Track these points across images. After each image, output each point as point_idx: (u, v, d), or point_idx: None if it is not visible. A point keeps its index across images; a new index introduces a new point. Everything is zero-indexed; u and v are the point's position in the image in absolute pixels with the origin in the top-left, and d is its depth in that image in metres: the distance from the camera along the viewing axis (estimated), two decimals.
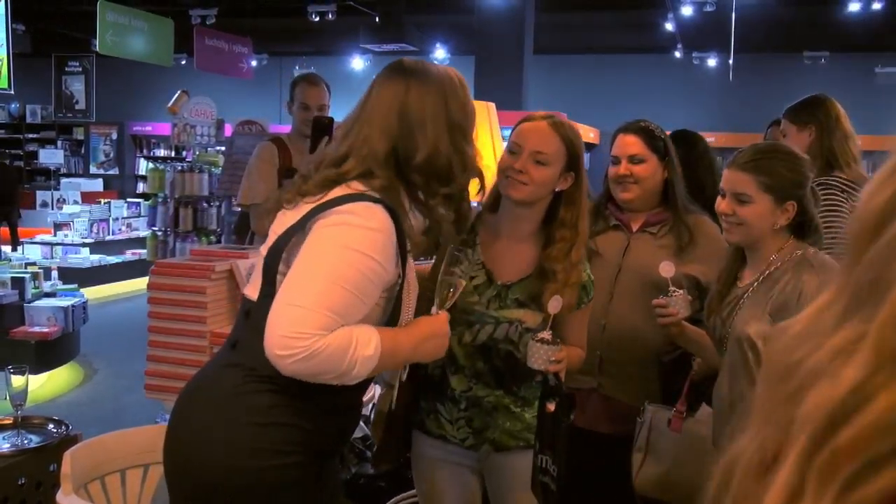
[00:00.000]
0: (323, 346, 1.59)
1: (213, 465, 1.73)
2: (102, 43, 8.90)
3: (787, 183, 2.14)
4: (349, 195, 1.74)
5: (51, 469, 2.71)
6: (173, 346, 2.71)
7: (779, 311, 2.06)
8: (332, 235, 1.70)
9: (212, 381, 1.83)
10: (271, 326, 1.62)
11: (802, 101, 3.25)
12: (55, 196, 12.68)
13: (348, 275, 1.66)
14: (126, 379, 6.53)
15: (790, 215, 2.15)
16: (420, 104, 1.82)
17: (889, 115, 13.38)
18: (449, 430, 2.28)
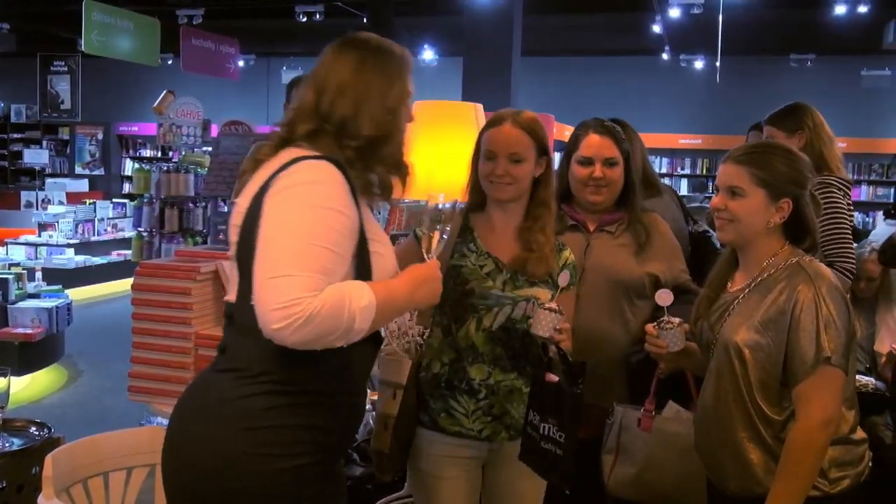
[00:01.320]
0: (318, 306, 1.58)
1: (211, 472, 1.71)
2: (88, 42, 8.85)
3: (783, 178, 2.07)
4: (293, 159, 1.73)
5: (33, 472, 2.69)
6: (158, 347, 2.69)
7: (771, 322, 2.02)
8: (290, 198, 1.68)
9: (205, 387, 1.81)
10: (261, 305, 1.60)
11: (785, 109, 3.32)
12: (40, 196, 12.60)
13: (320, 232, 1.64)
14: (111, 380, 6.50)
15: (784, 214, 2.09)
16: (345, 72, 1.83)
17: (875, 117, 13.48)
18: (466, 423, 2.33)
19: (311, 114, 1.83)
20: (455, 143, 3.67)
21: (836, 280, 2.04)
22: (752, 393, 2.04)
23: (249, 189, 1.77)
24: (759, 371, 2.03)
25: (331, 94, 1.81)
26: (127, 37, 9.41)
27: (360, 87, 1.82)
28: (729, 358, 2.08)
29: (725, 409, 2.10)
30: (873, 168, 13.68)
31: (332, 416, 1.78)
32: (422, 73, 14.69)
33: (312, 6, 11.63)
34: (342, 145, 1.80)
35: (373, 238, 1.81)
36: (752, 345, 2.04)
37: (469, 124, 3.72)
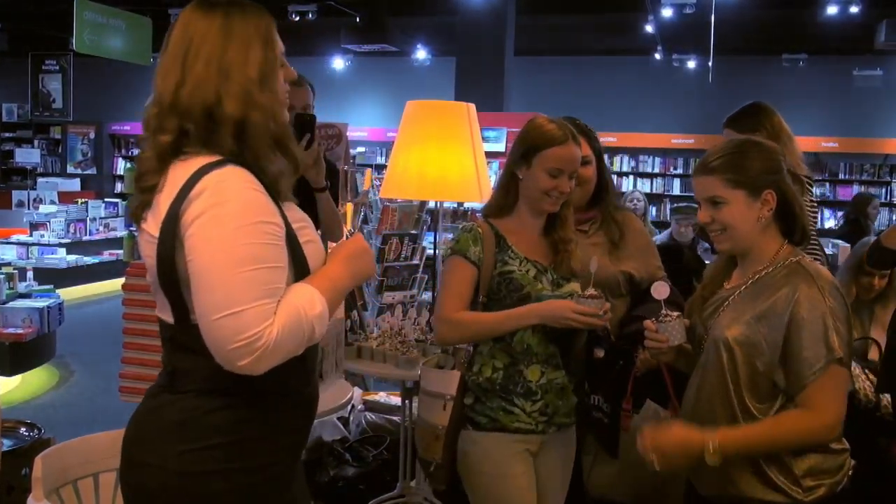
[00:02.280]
0: (277, 333, 1.52)
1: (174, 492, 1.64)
2: (80, 41, 8.82)
3: (756, 172, 2.03)
4: (195, 172, 1.58)
5: (23, 473, 2.68)
6: (149, 347, 2.68)
7: (766, 318, 1.99)
8: (209, 226, 1.54)
9: (158, 411, 1.70)
10: (216, 347, 1.53)
11: (744, 110, 3.32)
12: (31, 196, 12.54)
13: (255, 252, 1.55)
14: (103, 381, 6.47)
15: (771, 206, 2.04)
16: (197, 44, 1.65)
17: (866, 117, 13.51)
18: (526, 420, 2.43)
19: (167, 119, 1.65)
20: (447, 143, 3.67)
21: (836, 280, 2.03)
22: (740, 389, 2.01)
23: (155, 217, 1.63)
24: (749, 367, 2.00)
25: (186, 87, 1.63)
26: (119, 36, 9.38)
27: (215, 68, 1.63)
28: (718, 353, 2.05)
29: (708, 406, 2.07)
30: (865, 168, 13.72)
31: (291, 413, 1.75)
32: (415, 72, 14.70)
33: (305, 5, 11.60)
34: (218, 141, 1.63)
35: (300, 227, 1.71)
36: (743, 340, 2.00)
37: (462, 124, 3.72)
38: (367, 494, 3.70)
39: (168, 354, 1.74)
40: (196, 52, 1.65)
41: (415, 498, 3.57)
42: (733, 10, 10.40)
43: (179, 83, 1.65)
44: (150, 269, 1.68)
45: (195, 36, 1.66)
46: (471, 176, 3.69)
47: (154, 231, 1.63)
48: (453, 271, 2.49)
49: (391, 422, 4.32)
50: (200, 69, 1.64)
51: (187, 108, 1.63)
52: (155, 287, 1.70)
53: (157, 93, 1.69)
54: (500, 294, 2.46)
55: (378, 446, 4.09)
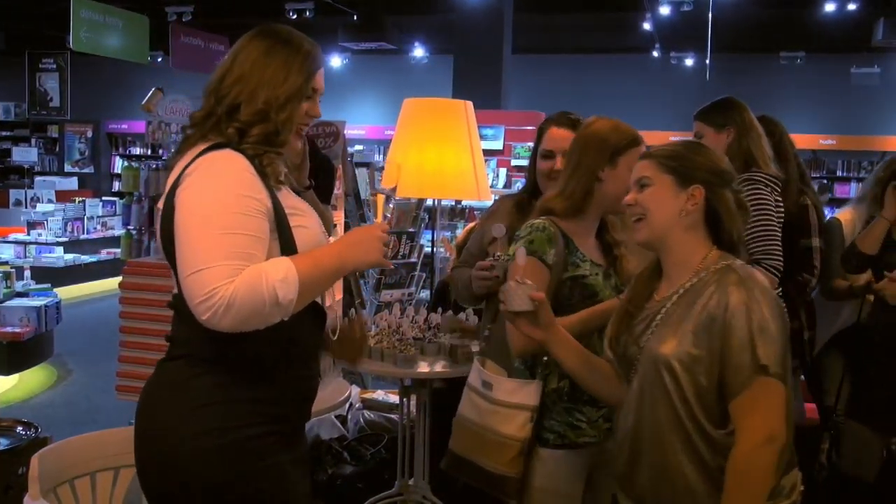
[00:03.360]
0: (234, 291, 1.63)
1: (171, 454, 1.78)
2: (77, 40, 8.79)
3: (692, 164, 1.93)
4: (197, 154, 1.77)
5: (20, 472, 2.67)
6: (145, 346, 2.68)
7: (703, 329, 1.82)
8: (193, 194, 1.72)
9: (160, 376, 1.87)
10: (189, 301, 1.66)
11: (715, 104, 3.29)
12: (29, 195, 12.53)
13: (228, 219, 1.69)
14: (101, 379, 6.46)
15: (697, 201, 1.91)
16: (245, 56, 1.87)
17: (864, 115, 13.52)
18: (590, 433, 2.38)
19: (208, 98, 1.88)
20: (445, 141, 3.66)
21: (770, 284, 1.93)
22: (691, 410, 1.84)
23: (165, 191, 1.82)
24: (694, 385, 1.83)
25: (230, 80, 1.85)
26: (116, 34, 9.36)
27: (257, 75, 1.85)
28: (658, 375, 1.88)
29: (655, 437, 1.89)
30: (862, 165, 13.73)
31: (279, 388, 1.85)
32: (412, 71, 14.68)
33: (302, 3, 11.59)
34: (230, 125, 1.83)
35: (294, 213, 1.85)
36: (683, 356, 1.84)
37: (459, 122, 3.71)
38: (365, 493, 3.69)
39: (171, 324, 1.89)
40: (245, 58, 1.87)
41: (413, 496, 3.56)
42: (731, 8, 10.40)
43: (225, 74, 1.87)
44: (159, 241, 1.84)
45: (248, 48, 1.89)
46: (468, 174, 3.69)
47: (161, 204, 1.81)
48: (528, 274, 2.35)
49: (389, 420, 4.32)
50: (246, 69, 1.85)
51: (222, 94, 1.85)
52: (166, 259, 1.84)
53: (208, 82, 1.91)
54: (571, 300, 2.38)
55: (376, 445, 4.09)
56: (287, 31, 1.94)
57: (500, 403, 2.39)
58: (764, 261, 3.01)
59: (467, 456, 2.45)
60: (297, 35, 1.94)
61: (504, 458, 2.35)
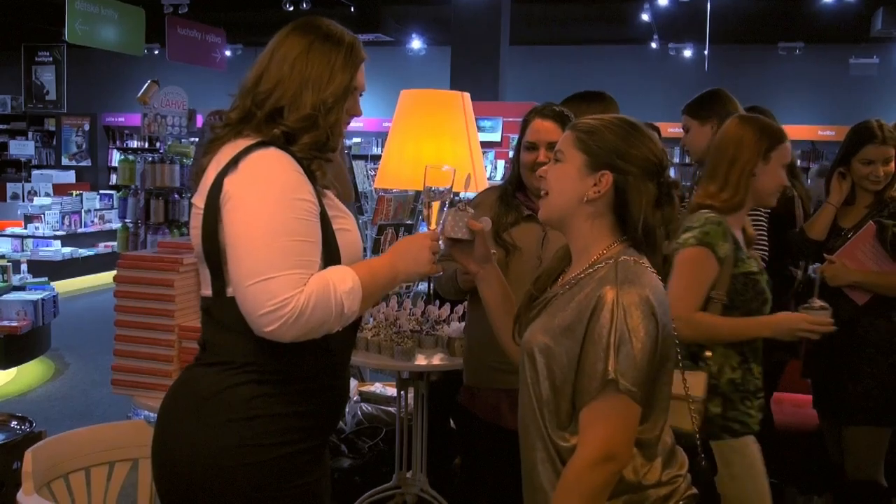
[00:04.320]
0: (306, 301, 1.60)
1: (201, 467, 1.70)
2: (72, 32, 8.76)
3: (609, 147, 1.74)
4: (240, 152, 1.69)
5: (14, 467, 2.66)
6: (141, 340, 2.65)
7: (568, 327, 1.69)
8: (245, 200, 1.65)
9: (189, 383, 1.79)
10: (248, 313, 1.61)
11: (700, 97, 3.35)
12: (26, 188, 12.49)
13: (290, 225, 1.64)
14: (98, 373, 6.46)
15: (601, 189, 1.73)
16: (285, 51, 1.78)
17: (863, 105, 13.48)
18: (757, 419, 2.48)
19: (244, 99, 1.80)
20: (442, 132, 3.64)
21: (654, 293, 1.67)
22: (542, 409, 1.73)
23: (201, 189, 1.74)
24: (547, 382, 1.72)
25: (268, 82, 1.77)
26: (111, 26, 9.32)
27: (298, 76, 1.76)
28: (524, 362, 1.79)
29: (526, 429, 1.80)
30: None
31: (317, 400, 1.78)
32: (410, 62, 14.64)
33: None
34: (272, 127, 1.76)
35: (335, 215, 1.80)
36: (544, 349, 1.72)
37: (457, 113, 3.69)
38: (363, 486, 3.68)
39: (203, 327, 1.82)
40: (284, 57, 1.78)
41: (410, 489, 3.55)
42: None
43: (262, 74, 1.79)
44: (194, 240, 1.77)
45: (285, 45, 1.80)
46: (466, 166, 3.67)
47: (200, 203, 1.73)
48: (699, 265, 2.38)
49: (387, 413, 4.30)
50: (286, 70, 1.76)
51: (261, 96, 1.77)
52: (199, 260, 1.79)
53: (242, 81, 1.83)
54: (745, 296, 2.44)
55: (374, 437, 4.08)
56: (326, 24, 1.84)
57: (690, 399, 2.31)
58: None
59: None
60: (336, 27, 1.84)
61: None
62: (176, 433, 1.76)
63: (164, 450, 1.77)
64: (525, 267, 2.56)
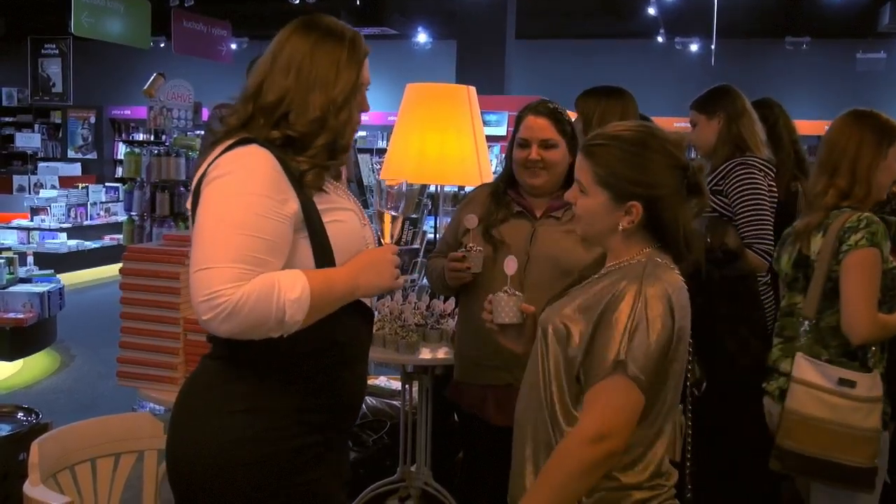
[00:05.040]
0: (243, 298, 1.56)
1: (203, 458, 1.71)
2: (78, 24, 8.76)
3: (627, 179, 1.77)
4: (223, 149, 1.70)
5: (20, 458, 2.67)
6: (146, 332, 2.66)
7: (586, 309, 1.76)
8: (214, 191, 1.66)
9: (197, 375, 1.83)
10: (192, 298, 1.60)
11: (709, 92, 3.36)
12: (32, 180, 12.52)
13: (243, 219, 1.61)
14: (103, 366, 6.47)
15: (634, 218, 1.78)
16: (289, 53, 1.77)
17: (869, 101, 13.38)
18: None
19: (245, 105, 1.78)
20: (448, 126, 3.64)
21: (676, 293, 1.73)
22: (549, 381, 1.79)
23: (192, 186, 1.77)
24: (558, 358, 1.78)
25: (273, 90, 1.75)
26: (117, 19, 9.32)
27: (304, 81, 1.74)
28: (538, 339, 1.86)
29: (527, 401, 1.86)
30: None
31: (321, 395, 1.77)
32: (415, 56, 14.63)
33: None
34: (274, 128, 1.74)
35: (328, 208, 1.76)
36: (558, 326, 1.78)
37: (462, 107, 3.69)
38: (367, 479, 3.69)
39: None
40: (288, 62, 1.75)
41: (414, 483, 3.56)
42: None
43: (264, 81, 1.76)
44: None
45: (288, 48, 1.77)
46: (471, 159, 3.67)
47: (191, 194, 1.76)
48: (875, 266, 2.46)
49: (391, 406, 4.31)
50: (291, 79, 1.74)
51: (267, 107, 1.74)
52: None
53: (245, 87, 1.82)
54: (893, 292, 2.53)
55: (378, 431, 4.09)
56: (326, 21, 1.82)
57: (864, 399, 2.43)
58: (755, 245, 3.04)
59: (820, 455, 2.46)
60: (336, 23, 1.83)
61: (868, 451, 2.42)
62: (183, 426, 1.78)
63: (174, 440, 1.80)
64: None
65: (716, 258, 2.91)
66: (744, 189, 3.09)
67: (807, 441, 2.47)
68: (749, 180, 3.09)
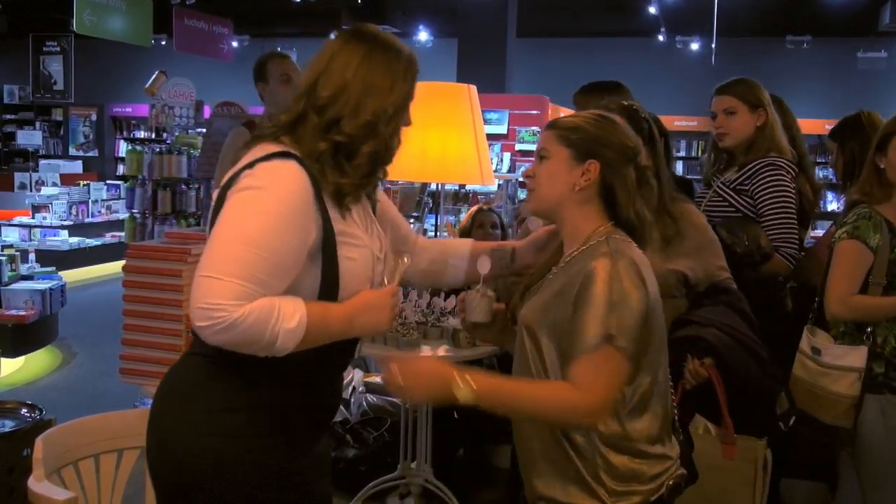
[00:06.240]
0: (242, 317, 1.58)
1: (176, 450, 1.76)
2: (80, 22, 8.77)
3: (592, 138, 1.87)
4: (263, 156, 1.69)
5: (24, 454, 2.68)
6: (149, 329, 2.68)
7: (562, 293, 1.82)
8: (240, 201, 1.66)
9: (179, 368, 1.85)
10: (192, 299, 1.60)
11: (746, 81, 3.23)
12: (33, 178, 12.53)
13: (259, 239, 1.62)
14: (105, 363, 6.48)
15: (591, 177, 1.86)
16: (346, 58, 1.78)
17: (870, 100, 13.41)
18: None
19: (300, 102, 1.77)
20: (449, 125, 3.65)
21: (643, 265, 1.81)
22: (546, 377, 1.84)
23: (223, 183, 1.75)
24: (555, 350, 1.84)
25: (328, 87, 1.75)
26: (119, 17, 9.32)
27: (360, 83, 1.75)
28: (522, 338, 1.91)
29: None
30: None
31: (297, 396, 1.78)
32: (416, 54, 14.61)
33: None
34: (323, 138, 1.74)
35: (347, 241, 1.76)
36: (543, 321, 1.85)
37: (463, 105, 3.70)
38: (367, 476, 3.71)
39: None
40: (346, 62, 1.77)
41: (415, 479, 3.58)
42: None
43: (319, 78, 1.77)
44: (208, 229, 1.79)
45: (345, 52, 1.78)
46: (472, 158, 3.68)
47: (215, 195, 1.75)
48: (852, 255, 2.65)
49: (392, 403, 4.33)
50: (348, 76, 1.75)
51: (322, 101, 1.74)
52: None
53: (297, 86, 1.81)
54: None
55: (379, 428, 4.10)
56: (383, 34, 1.85)
57: (830, 367, 2.68)
58: (781, 248, 3.00)
59: (806, 410, 2.75)
60: (392, 38, 1.86)
61: (838, 412, 2.66)
62: (161, 417, 1.82)
63: (151, 433, 1.83)
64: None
65: (754, 261, 2.91)
66: (772, 190, 3.04)
67: (797, 397, 2.79)
68: (778, 181, 3.04)
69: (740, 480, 2.45)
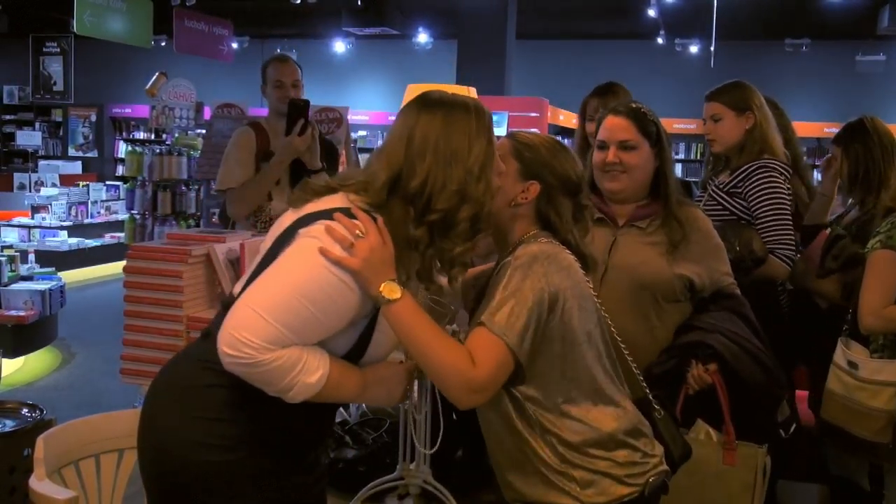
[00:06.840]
0: (269, 360, 1.60)
1: (170, 454, 1.75)
2: (80, 23, 8.78)
3: (539, 161, 1.94)
4: (337, 208, 1.70)
5: (25, 454, 2.69)
6: (149, 330, 2.69)
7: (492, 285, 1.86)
8: (308, 248, 1.66)
9: (177, 370, 1.84)
10: (227, 320, 1.62)
11: (732, 86, 3.23)
12: (33, 178, 12.54)
13: (312, 292, 1.63)
14: (104, 363, 6.50)
15: (528, 196, 1.93)
16: (422, 133, 1.74)
17: (869, 103, 13.46)
18: None
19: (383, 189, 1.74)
20: None
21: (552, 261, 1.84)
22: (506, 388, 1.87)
23: (289, 217, 1.76)
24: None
25: (414, 170, 1.72)
26: (119, 18, 9.33)
27: (443, 158, 1.72)
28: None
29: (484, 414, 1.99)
30: None
31: (297, 412, 1.76)
32: (416, 56, 14.65)
33: None
34: (419, 223, 1.73)
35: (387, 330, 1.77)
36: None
37: None
38: (366, 477, 3.71)
39: (215, 319, 1.82)
40: (424, 140, 1.73)
41: (414, 480, 3.59)
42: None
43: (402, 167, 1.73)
44: (266, 241, 1.81)
45: (419, 128, 1.75)
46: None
47: (279, 230, 1.76)
48: (886, 265, 2.72)
49: None
50: (429, 159, 1.72)
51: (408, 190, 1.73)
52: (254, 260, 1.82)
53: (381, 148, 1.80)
54: None
55: (378, 429, 4.11)
56: (448, 95, 1.83)
57: (867, 381, 2.71)
58: (777, 250, 2.98)
59: (838, 424, 2.80)
60: (451, 95, 1.84)
61: (874, 426, 2.71)
62: (153, 416, 1.82)
63: (143, 430, 1.84)
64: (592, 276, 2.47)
65: (745, 266, 2.86)
66: (765, 192, 3.03)
67: (829, 411, 2.82)
68: (771, 183, 3.03)
69: (740, 487, 2.40)
